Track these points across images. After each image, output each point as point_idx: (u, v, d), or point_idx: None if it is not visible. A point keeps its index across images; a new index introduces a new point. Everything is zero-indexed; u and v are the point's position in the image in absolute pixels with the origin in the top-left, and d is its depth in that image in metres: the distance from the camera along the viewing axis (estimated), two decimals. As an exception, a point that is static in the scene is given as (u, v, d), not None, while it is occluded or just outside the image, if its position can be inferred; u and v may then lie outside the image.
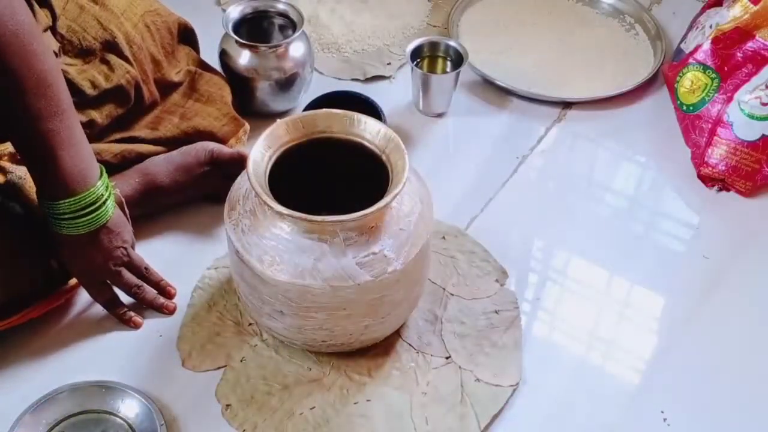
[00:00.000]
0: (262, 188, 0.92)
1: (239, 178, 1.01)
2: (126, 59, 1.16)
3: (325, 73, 1.43)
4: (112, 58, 1.15)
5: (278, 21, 1.35)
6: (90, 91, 1.13)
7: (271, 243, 0.93)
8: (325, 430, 0.98)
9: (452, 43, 1.39)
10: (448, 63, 1.39)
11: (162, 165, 1.17)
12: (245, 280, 0.97)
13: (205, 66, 1.30)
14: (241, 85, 1.31)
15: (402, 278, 0.95)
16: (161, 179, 1.16)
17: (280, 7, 1.33)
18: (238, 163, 1.16)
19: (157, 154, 1.19)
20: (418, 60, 1.38)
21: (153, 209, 1.17)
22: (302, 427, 0.98)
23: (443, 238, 1.18)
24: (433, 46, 1.39)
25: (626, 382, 1.07)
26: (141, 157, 1.18)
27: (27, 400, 0.97)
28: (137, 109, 1.20)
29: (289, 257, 0.92)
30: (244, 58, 1.29)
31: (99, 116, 1.15)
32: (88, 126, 1.12)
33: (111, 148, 1.16)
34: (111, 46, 1.16)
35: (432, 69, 1.40)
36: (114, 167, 1.14)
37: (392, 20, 1.52)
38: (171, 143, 1.21)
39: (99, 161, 1.00)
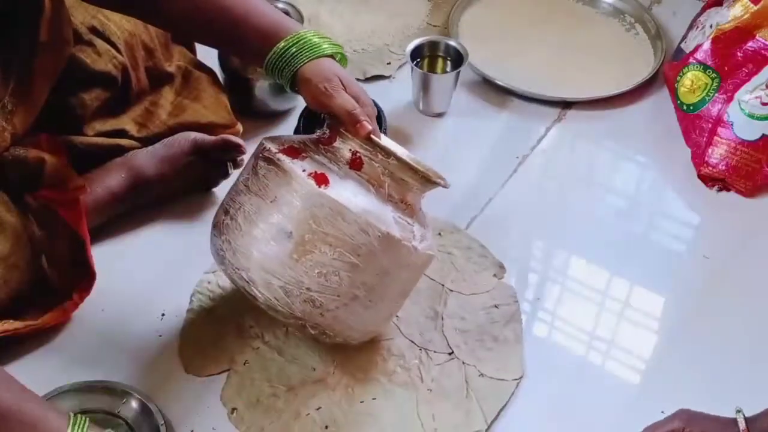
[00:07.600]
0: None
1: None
2: (113, 45, 1.15)
3: (325, 72, 1.43)
4: (99, 43, 1.14)
5: (278, 20, 1.35)
6: (78, 72, 1.12)
7: (323, 165, 0.93)
8: (332, 430, 0.98)
9: (452, 43, 1.39)
10: (448, 63, 1.39)
11: (147, 158, 1.17)
12: (264, 189, 0.92)
13: (199, 65, 1.29)
14: (240, 84, 1.31)
15: (412, 264, 0.95)
16: (147, 172, 1.16)
17: (280, 6, 1.34)
18: (222, 148, 1.17)
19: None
20: (418, 60, 1.38)
21: (140, 202, 1.17)
22: (309, 428, 0.98)
23: (439, 234, 1.18)
24: (433, 46, 1.39)
25: (626, 382, 1.07)
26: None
27: (28, 401, 0.97)
28: (126, 95, 1.19)
29: (340, 180, 0.92)
30: (244, 57, 1.29)
31: (88, 98, 1.14)
32: (80, 107, 1.13)
33: (98, 142, 1.16)
34: (97, 33, 1.15)
35: (432, 69, 1.40)
36: (98, 159, 1.15)
37: (392, 20, 1.52)
38: (158, 141, 1.20)
39: (85, 153, 1.01)
